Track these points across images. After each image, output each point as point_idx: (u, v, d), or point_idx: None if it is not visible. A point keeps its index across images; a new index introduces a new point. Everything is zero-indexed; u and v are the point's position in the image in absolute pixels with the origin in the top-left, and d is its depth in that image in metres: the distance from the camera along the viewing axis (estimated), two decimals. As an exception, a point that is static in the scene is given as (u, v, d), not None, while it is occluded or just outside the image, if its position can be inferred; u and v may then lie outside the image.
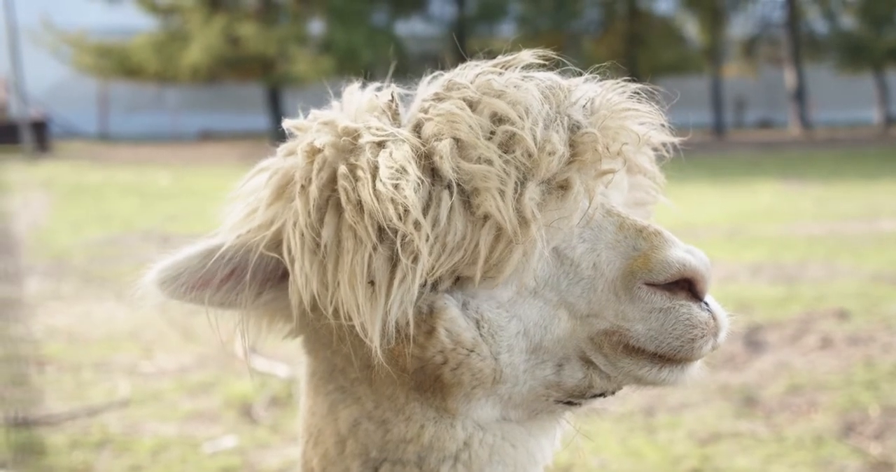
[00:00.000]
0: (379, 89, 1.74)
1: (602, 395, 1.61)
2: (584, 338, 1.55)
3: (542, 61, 1.66)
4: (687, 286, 1.53)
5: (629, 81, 1.67)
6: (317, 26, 37.25)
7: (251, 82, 37.24)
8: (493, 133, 1.49)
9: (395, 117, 1.59)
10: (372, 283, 1.45)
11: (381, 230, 1.45)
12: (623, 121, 1.58)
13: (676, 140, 1.74)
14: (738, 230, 13.91)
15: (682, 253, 1.52)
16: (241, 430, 5.81)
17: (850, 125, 46.26)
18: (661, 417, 5.88)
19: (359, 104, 1.67)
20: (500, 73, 1.59)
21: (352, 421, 1.65)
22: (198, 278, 1.59)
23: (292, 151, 1.65)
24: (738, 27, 47.13)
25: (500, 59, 1.66)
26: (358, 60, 34.16)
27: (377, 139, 1.51)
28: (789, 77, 43.66)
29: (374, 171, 1.46)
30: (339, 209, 1.50)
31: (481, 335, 1.50)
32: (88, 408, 6.19)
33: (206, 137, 41.15)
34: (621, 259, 1.53)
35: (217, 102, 43.37)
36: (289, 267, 1.56)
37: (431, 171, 1.47)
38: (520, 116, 1.50)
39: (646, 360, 1.55)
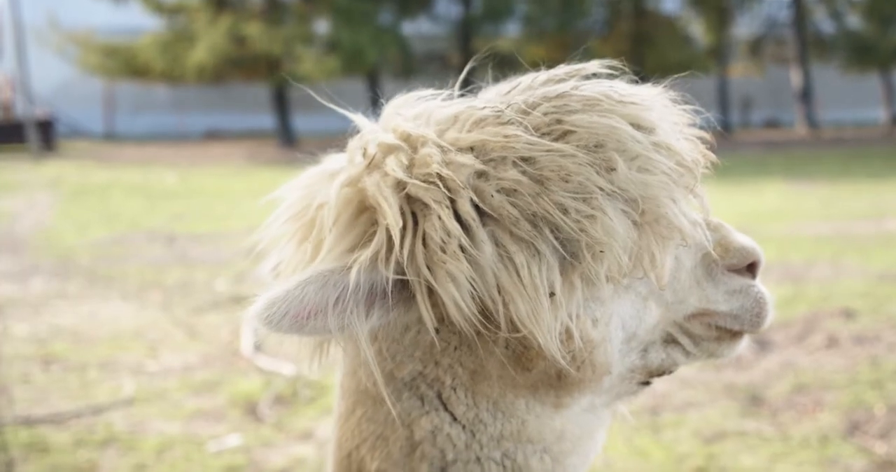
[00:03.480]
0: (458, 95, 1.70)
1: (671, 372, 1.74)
2: (670, 323, 1.66)
3: (610, 71, 1.65)
4: (748, 268, 1.72)
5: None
6: (322, 26, 37.22)
7: (257, 82, 37.27)
8: (656, 145, 1.51)
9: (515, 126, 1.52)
10: (552, 294, 1.46)
11: (559, 241, 1.45)
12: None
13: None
14: (744, 230, 13.65)
15: (749, 239, 1.73)
16: (246, 428, 5.82)
17: (856, 125, 46.13)
18: (667, 416, 5.88)
19: (467, 115, 1.57)
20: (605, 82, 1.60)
21: (431, 428, 1.62)
22: (305, 309, 1.47)
23: (375, 160, 1.54)
24: (745, 27, 47.00)
25: (568, 67, 1.64)
26: (363, 60, 34.18)
27: (535, 153, 1.47)
28: (795, 77, 43.55)
29: (552, 182, 1.45)
30: (498, 224, 1.46)
31: (599, 332, 1.56)
32: (93, 407, 6.21)
33: (212, 136, 41.20)
34: (695, 248, 1.65)
35: (223, 102, 43.40)
36: (417, 287, 1.48)
37: (605, 179, 1.47)
38: (660, 127, 1.54)
39: (725, 336, 1.72)
